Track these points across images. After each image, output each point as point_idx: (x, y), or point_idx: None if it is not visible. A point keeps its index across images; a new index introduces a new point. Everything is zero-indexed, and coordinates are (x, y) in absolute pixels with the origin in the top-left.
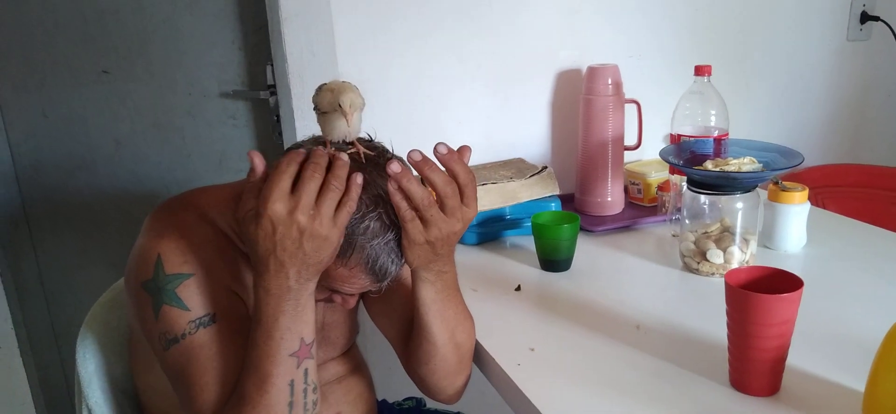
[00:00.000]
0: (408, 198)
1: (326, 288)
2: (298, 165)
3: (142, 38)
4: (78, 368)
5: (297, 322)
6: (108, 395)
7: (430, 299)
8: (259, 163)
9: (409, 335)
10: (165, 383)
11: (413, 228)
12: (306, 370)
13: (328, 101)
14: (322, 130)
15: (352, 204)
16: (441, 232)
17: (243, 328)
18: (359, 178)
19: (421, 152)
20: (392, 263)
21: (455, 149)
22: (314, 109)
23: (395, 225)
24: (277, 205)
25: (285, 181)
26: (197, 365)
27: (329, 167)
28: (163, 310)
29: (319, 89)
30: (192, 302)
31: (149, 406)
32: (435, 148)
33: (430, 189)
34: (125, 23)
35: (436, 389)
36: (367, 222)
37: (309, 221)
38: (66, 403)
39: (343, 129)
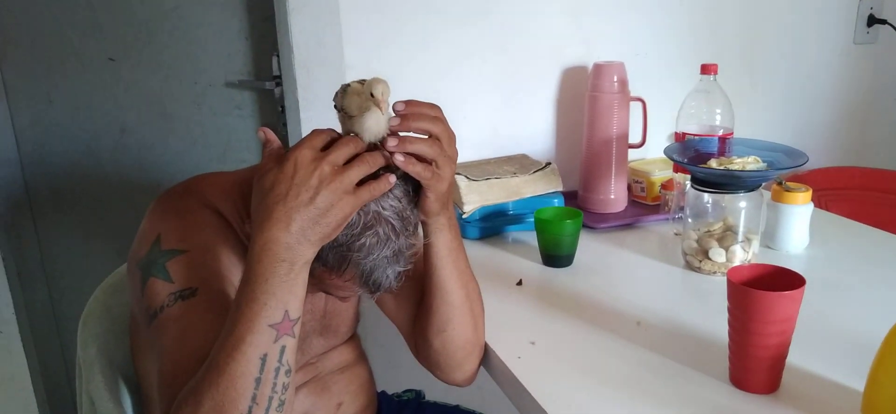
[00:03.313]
0: (418, 158)
1: (320, 290)
2: (332, 137)
3: (149, 27)
4: (79, 353)
5: (285, 291)
6: (108, 380)
7: (447, 248)
8: (272, 134)
9: (415, 315)
10: None
11: (436, 181)
12: (283, 348)
13: (357, 104)
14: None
15: (377, 191)
16: (452, 165)
17: (224, 308)
18: (392, 179)
19: (403, 102)
20: (386, 278)
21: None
22: (337, 110)
23: (390, 240)
24: (306, 150)
25: (318, 139)
26: (168, 336)
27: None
28: (149, 283)
29: (344, 91)
30: (177, 276)
31: (149, 392)
32: (393, 108)
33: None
34: (133, 11)
35: (451, 364)
36: (363, 240)
37: (332, 173)
38: (65, 388)
39: (375, 130)
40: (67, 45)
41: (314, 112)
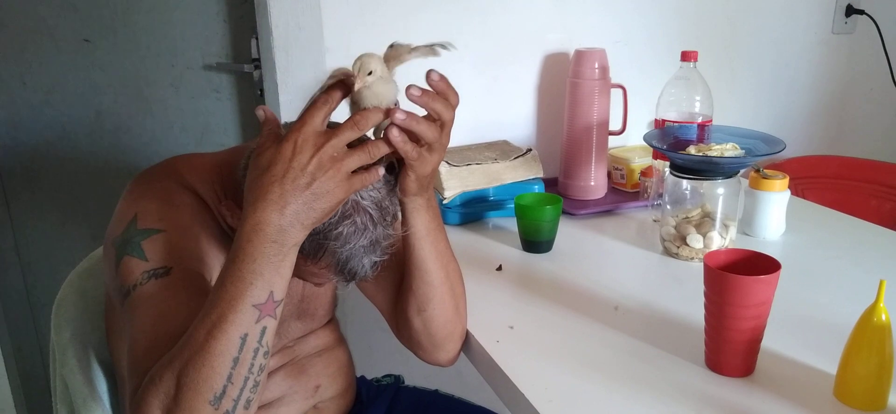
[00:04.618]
0: (415, 137)
1: (295, 276)
2: (337, 102)
3: (125, 8)
4: (52, 337)
5: (272, 272)
6: (82, 363)
7: (426, 229)
8: (271, 113)
9: (396, 297)
10: None
11: (421, 163)
12: (264, 329)
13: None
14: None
15: (368, 181)
16: (442, 152)
17: (198, 288)
18: (380, 171)
19: (419, 87)
20: (361, 267)
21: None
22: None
23: (368, 230)
24: (306, 131)
25: (319, 116)
26: (140, 314)
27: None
28: (123, 261)
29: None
30: (152, 255)
31: (123, 373)
32: (428, 75)
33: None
34: None
35: (433, 343)
36: (341, 229)
37: (331, 161)
38: (40, 373)
39: (389, 97)
40: (41, 26)
41: (293, 96)
